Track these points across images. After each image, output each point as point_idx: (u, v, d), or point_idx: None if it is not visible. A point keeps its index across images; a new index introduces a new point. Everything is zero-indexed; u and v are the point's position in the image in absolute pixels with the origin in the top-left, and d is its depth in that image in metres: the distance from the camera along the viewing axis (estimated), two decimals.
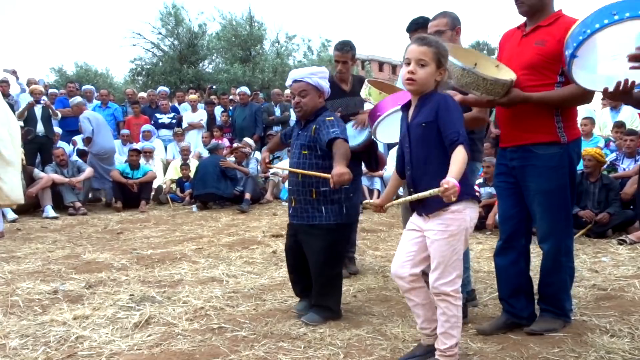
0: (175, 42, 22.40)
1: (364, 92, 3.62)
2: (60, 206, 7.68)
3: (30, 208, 7.50)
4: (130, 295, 3.64)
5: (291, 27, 50.94)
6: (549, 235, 2.78)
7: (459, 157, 2.15)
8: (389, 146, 9.02)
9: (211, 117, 10.99)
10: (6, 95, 9.42)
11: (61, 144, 9.21)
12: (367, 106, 3.73)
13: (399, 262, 2.42)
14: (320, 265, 3.12)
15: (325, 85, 3.24)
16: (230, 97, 11.75)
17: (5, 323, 3.09)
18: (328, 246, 3.12)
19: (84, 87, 11.48)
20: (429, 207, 2.32)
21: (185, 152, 9.32)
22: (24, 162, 6.46)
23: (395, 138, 3.21)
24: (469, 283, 3.33)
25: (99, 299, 3.57)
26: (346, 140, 2.56)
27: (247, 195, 8.08)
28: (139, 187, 8.26)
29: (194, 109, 10.97)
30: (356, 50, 4.21)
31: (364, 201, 2.71)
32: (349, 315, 3.28)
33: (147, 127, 10.20)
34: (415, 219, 2.43)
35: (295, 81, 3.21)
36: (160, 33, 22.23)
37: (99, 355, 2.63)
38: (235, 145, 9.31)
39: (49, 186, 7.52)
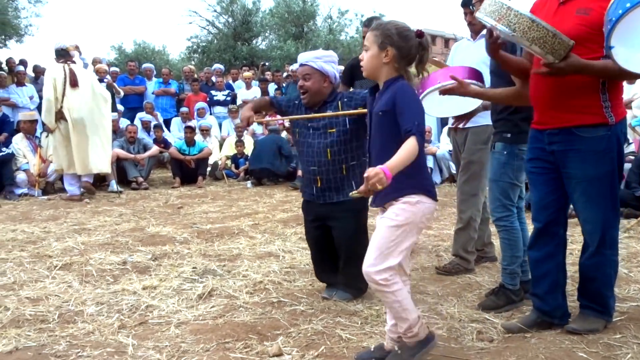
0: (230, 20, 22.66)
1: None
2: (123, 181, 8.06)
3: (96, 182, 7.91)
4: (193, 267, 3.83)
5: (344, 2, 50.19)
6: (594, 226, 2.55)
7: (405, 147, 2.04)
8: (442, 122, 8.87)
9: (265, 94, 11.13)
10: None
11: (123, 121, 9.60)
12: None
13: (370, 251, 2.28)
14: (354, 245, 3.08)
15: (331, 69, 3.15)
16: (284, 74, 11.83)
17: (82, 291, 3.33)
18: (362, 224, 3.14)
19: (143, 66, 11.85)
20: (380, 199, 2.25)
21: (239, 129, 9.51)
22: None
23: (444, 112, 3.16)
24: (523, 273, 3.11)
25: (164, 271, 3.78)
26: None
27: (300, 172, 8.18)
28: (195, 163, 8.53)
29: (248, 86, 11.13)
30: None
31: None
32: None
33: (201, 104, 10.44)
34: (379, 214, 2.33)
35: (300, 65, 3.19)
36: (215, 10, 22.54)
37: (167, 324, 2.81)
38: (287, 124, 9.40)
39: (114, 161, 7.89)
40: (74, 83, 6.74)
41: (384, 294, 2.18)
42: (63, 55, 6.98)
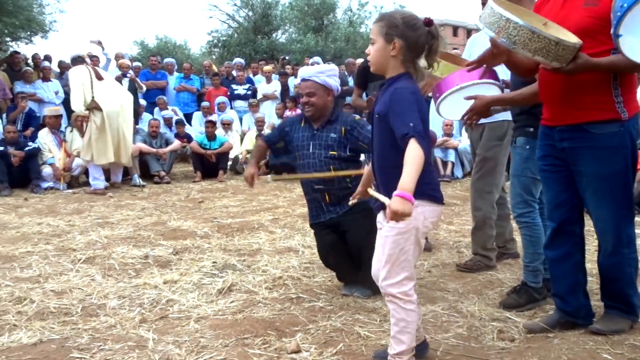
0: (250, 13, 22.69)
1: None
2: (146, 175, 8.16)
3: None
4: (213, 262, 3.86)
5: None
6: (608, 226, 2.46)
7: (408, 155, 1.89)
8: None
9: (285, 88, 11.12)
10: None
11: (145, 115, 9.71)
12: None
13: (375, 265, 2.23)
14: (371, 242, 3.06)
15: (334, 83, 3.17)
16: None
17: (105, 284, 3.38)
18: (374, 220, 3.13)
19: (165, 60, 11.94)
20: (380, 204, 2.15)
21: (260, 123, 9.53)
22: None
23: (458, 115, 3.11)
24: (545, 271, 3.02)
25: (185, 265, 3.81)
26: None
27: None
28: (216, 157, 8.59)
29: (269, 80, 11.14)
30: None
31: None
32: (423, 290, 3.29)
33: (221, 98, 10.48)
34: (379, 216, 2.25)
35: (303, 80, 3.17)
36: (235, 4, 22.59)
37: (187, 319, 2.83)
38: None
39: (137, 155, 7.99)
40: (99, 76, 6.96)
41: (397, 307, 2.08)
42: (80, 61, 7.39)
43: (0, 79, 9.19)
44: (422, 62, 2.93)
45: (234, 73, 11.34)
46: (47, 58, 10.50)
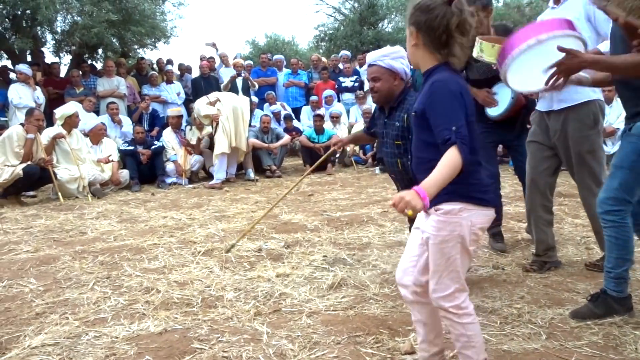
0: (356, 5, 22.61)
1: (475, 51, 3.14)
2: (258, 169, 8.46)
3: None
4: (324, 256, 3.87)
5: None
6: None
7: (444, 160, 1.71)
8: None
9: None
10: (212, 69, 10.57)
11: (257, 111, 10.07)
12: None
13: (402, 267, 2.05)
14: None
15: (400, 66, 2.92)
16: None
17: (222, 276, 3.52)
18: None
19: (275, 57, 12.29)
20: None
21: (367, 115, 9.46)
22: None
23: (534, 85, 2.58)
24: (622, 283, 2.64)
25: (296, 259, 3.86)
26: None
27: None
28: (325, 150, 8.66)
29: None
30: None
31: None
32: (549, 291, 3.03)
33: (328, 92, 10.56)
34: (420, 215, 2.00)
35: (369, 65, 3.00)
36: None
37: (300, 313, 2.85)
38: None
39: (250, 150, 8.32)
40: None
41: (453, 323, 1.91)
42: None
43: (130, 84, 10.06)
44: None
45: (341, 66, 11.37)
46: (169, 62, 11.29)
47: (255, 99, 10.34)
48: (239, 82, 9.73)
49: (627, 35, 2.21)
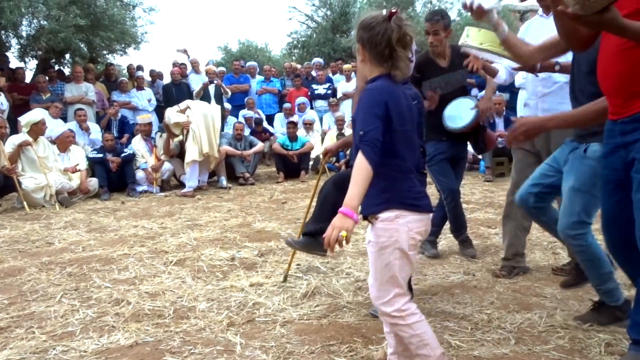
0: (328, 13, 22.78)
1: (461, 40, 3.20)
2: (231, 176, 8.41)
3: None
4: (297, 264, 3.87)
5: None
6: None
7: (355, 170, 1.77)
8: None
9: None
10: (184, 76, 10.47)
11: (230, 118, 10.01)
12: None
13: (370, 279, 2.06)
14: None
15: None
16: None
17: (194, 287, 3.49)
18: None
19: (247, 64, 12.25)
20: (362, 210, 1.95)
21: (340, 122, 9.50)
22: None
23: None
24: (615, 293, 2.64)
25: (270, 267, 3.85)
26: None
27: None
28: (298, 157, 8.67)
29: (348, 78, 11.08)
30: (450, 19, 3.77)
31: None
32: (517, 296, 3.10)
33: (301, 99, 10.58)
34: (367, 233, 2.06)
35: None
36: (314, 4, 22.76)
37: (273, 322, 2.84)
38: None
39: (223, 158, 8.26)
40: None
41: (400, 327, 1.95)
42: None
43: (99, 90, 9.88)
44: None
45: (314, 73, 11.41)
46: (140, 68, 11.14)
47: (228, 106, 10.29)
48: (212, 89, 9.66)
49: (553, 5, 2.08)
